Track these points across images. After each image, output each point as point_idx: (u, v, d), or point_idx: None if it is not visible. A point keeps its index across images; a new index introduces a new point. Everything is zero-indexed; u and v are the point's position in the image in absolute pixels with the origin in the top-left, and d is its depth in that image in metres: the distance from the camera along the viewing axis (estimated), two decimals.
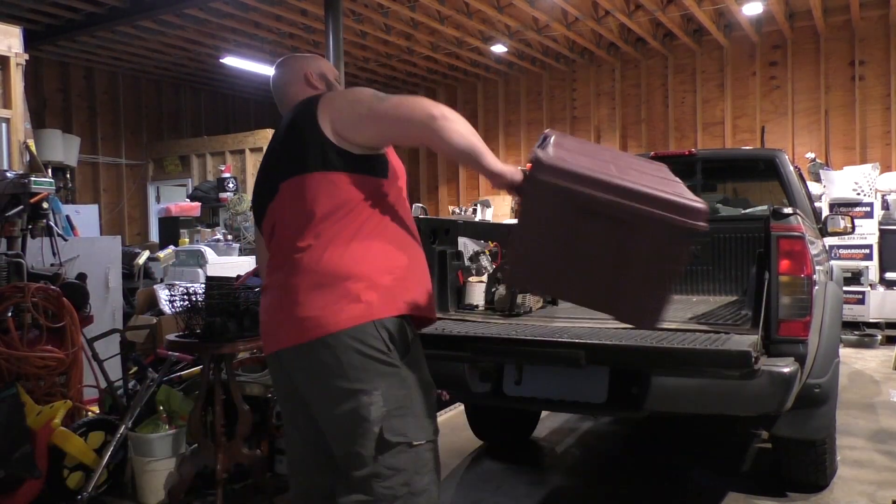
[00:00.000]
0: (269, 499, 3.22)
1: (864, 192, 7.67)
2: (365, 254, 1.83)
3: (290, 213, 1.90)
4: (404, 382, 1.81)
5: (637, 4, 9.42)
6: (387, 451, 1.77)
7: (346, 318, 1.76)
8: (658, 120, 11.65)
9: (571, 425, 4.54)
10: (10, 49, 5.15)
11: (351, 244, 1.82)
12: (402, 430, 1.79)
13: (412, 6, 9.32)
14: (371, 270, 1.82)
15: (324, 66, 2.16)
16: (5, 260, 3.60)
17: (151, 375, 3.54)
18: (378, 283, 1.81)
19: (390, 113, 1.79)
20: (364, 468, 1.77)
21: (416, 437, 1.80)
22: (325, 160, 1.84)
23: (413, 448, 1.80)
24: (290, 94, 2.13)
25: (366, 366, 1.77)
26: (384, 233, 1.88)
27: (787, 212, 2.73)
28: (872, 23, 9.93)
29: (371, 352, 1.77)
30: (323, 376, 1.80)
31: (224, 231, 9.96)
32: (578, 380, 2.68)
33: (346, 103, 1.88)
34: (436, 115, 1.73)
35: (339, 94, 1.95)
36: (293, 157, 1.90)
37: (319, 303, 1.78)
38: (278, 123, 2.10)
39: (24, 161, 5.10)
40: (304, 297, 1.79)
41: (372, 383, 1.77)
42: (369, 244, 1.84)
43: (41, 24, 9.66)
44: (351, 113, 1.85)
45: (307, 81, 2.11)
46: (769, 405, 2.54)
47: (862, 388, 5.38)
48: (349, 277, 1.79)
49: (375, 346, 1.78)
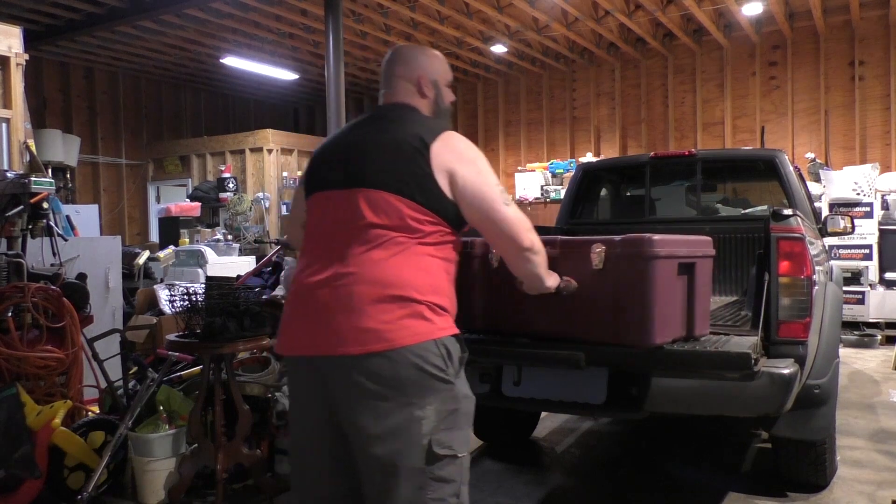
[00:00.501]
0: (269, 499, 3.22)
1: (863, 192, 7.68)
2: (432, 273, 1.88)
3: (361, 214, 1.89)
4: (455, 398, 1.86)
5: (637, 4, 9.42)
6: (435, 464, 1.81)
7: (411, 335, 1.79)
8: (658, 120, 11.65)
9: (571, 425, 4.54)
10: (10, 49, 5.15)
11: (420, 261, 1.86)
12: (449, 442, 1.83)
13: (412, 6, 9.32)
14: (436, 289, 1.87)
15: (439, 71, 2.16)
16: (5, 260, 3.60)
17: (151, 375, 3.54)
18: (441, 303, 1.87)
19: (504, 224, 1.94)
20: (413, 481, 1.80)
21: (460, 449, 1.86)
22: (422, 195, 1.88)
23: (458, 459, 1.86)
24: (398, 88, 2.11)
25: (423, 382, 1.80)
26: (446, 257, 1.94)
27: (787, 213, 2.73)
28: (872, 23, 9.93)
29: (430, 368, 1.80)
30: (376, 389, 1.79)
31: (224, 231, 9.97)
32: (578, 381, 2.68)
33: (475, 184, 1.92)
34: (532, 248, 1.99)
35: (469, 161, 1.95)
36: (390, 173, 1.90)
37: (385, 317, 1.78)
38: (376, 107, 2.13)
39: (24, 161, 5.11)
40: (370, 307, 1.78)
41: (426, 398, 1.80)
42: (435, 264, 1.90)
43: (41, 24, 9.66)
44: (474, 194, 1.91)
45: (418, 87, 2.11)
46: (769, 406, 2.54)
47: (862, 388, 5.38)
48: (417, 294, 1.82)
49: (435, 363, 1.81)
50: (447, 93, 2.16)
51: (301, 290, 1.92)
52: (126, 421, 3.27)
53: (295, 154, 12.04)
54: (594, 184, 5.08)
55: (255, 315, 3.14)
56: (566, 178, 10.63)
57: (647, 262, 2.32)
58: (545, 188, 10.95)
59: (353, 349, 1.78)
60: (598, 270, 2.40)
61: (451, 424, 1.84)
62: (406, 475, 1.79)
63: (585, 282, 2.38)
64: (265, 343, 3.23)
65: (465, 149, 1.98)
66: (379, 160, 1.92)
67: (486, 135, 13.03)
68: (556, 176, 11.12)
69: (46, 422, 3.09)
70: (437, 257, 1.91)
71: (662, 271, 2.34)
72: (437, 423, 1.81)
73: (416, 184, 1.88)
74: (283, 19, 9.78)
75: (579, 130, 12.27)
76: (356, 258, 1.84)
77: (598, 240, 2.45)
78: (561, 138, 12.39)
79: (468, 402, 1.92)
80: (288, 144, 11.97)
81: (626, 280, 2.35)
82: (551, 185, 10.97)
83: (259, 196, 11.25)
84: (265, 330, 3.19)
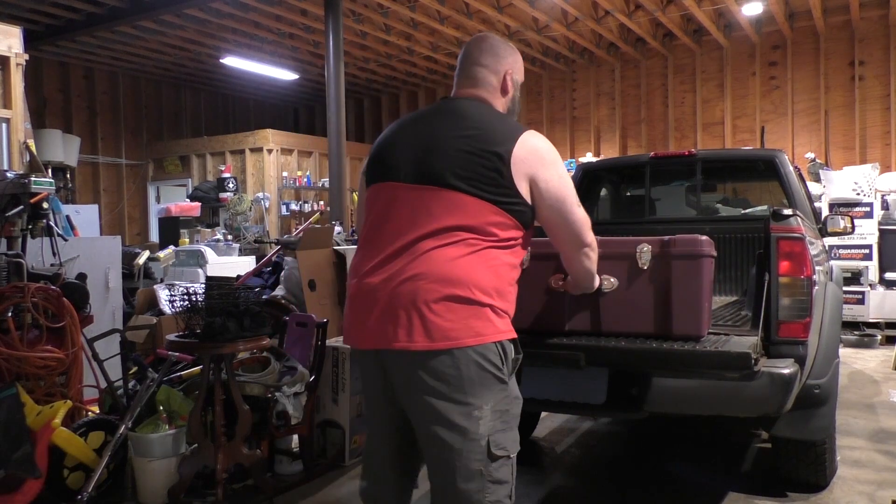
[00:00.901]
0: (269, 499, 3.22)
1: (863, 192, 7.67)
2: (499, 275, 1.89)
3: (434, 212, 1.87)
4: (508, 398, 1.89)
5: (637, 4, 9.42)
6: (492, 464, 1.82)
7: (475, 335, 1.81)
8: (658, 120, 11.65)
9: (571, 425, 4.54)
10: (10, 49, 5.15)
11: (489, 263, 1.86)
12: (504, 443, 1.85)
13: (412, 6, 9.32)
14: (501, 292, 1.89)
15: (520, 70, 2.15)
16: (5, 260, 3.60)
17: (151, 375, 3.54)
18: (504, 307, 1.90)
19: (576, 224, 2.03)
20: (471, 481, 1.81)
21: (513, 449, 1.88)
22: (498, 198, 1.87)
23: (511, 460, 1.88)
24: (480, 78, 2.06)
25: (483, 380, 1.82)
26: (513, 261, 1.95)
27: (787, 213, 2.73)
28: (872, 23, 9.93)
29: (490, 368, 1.83)
30: (437, 386, 1.81)
31: (224, 231, 9.97)
32: (578, 380, 2.69)
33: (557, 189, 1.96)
34: (592, 245, 2.12)
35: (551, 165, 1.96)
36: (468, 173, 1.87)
37: (453, 315, 1.79)
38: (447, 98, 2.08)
39: (24, 161, 5.11)
40: (437, 305, 1.79)
41: (484, 398, 1.82)
42: (504, 268, 1.91)
43: (41, 24, 9.66)
44: (556, 198, 1.96)
45: (503, 82, 2.08)
46: (769, 406, 2.54)
47: (862, 388, 5.38)
48: (483, 295, 1.83)
49: (495, 362, 1.84)
50: (518, 92, 2.16)
51: (366, 284, 1.90)
52: (126, 421, 3.27)
53: (295, 154, 12.04)
54: (594, 184, 5.08)
55: (255, 315, 3.14)
56: None
57: (699, 260, 2.50)
58: None
59: (419, 345, 1.79)
60: (643, 269, 2.55)
61: (505, 425, 1.86)
62: (464, 475, 1.81)
63: (629, 280, 2.58)
64: (265, 343, 3.23)
65: (546, 151, 1.98)
66: (456, 159, 1.88)
67: None
68: None
69: (46, 422, 3.09)
70: (506, 260, 1.92)
71: (708, 268, 2.53)
72: (493, 422, 1.83)
73: (494, 187, 1.87)
74: (283, 19, 9.79)
75: (579, 130, 12.28)
76: (425, 255, 1.83)
77: (644, 240, 2.57)
78: (561, 138, 12.39)
79: (518, 403, 1.94)
80: (288, 144, 11.97)
81: (679, 277, 2.51)
82: None
83: (259, 196, 11.25)
84: (265, 330, 3.20)
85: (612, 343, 2.56)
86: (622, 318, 2.61)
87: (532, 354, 2.64)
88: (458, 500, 1.82)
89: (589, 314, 2.66)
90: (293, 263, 4.94)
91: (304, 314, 4.07)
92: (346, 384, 3.73)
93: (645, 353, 2.49)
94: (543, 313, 2.72)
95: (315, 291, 4.62)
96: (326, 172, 11.14)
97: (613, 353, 2.53)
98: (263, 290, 3.90)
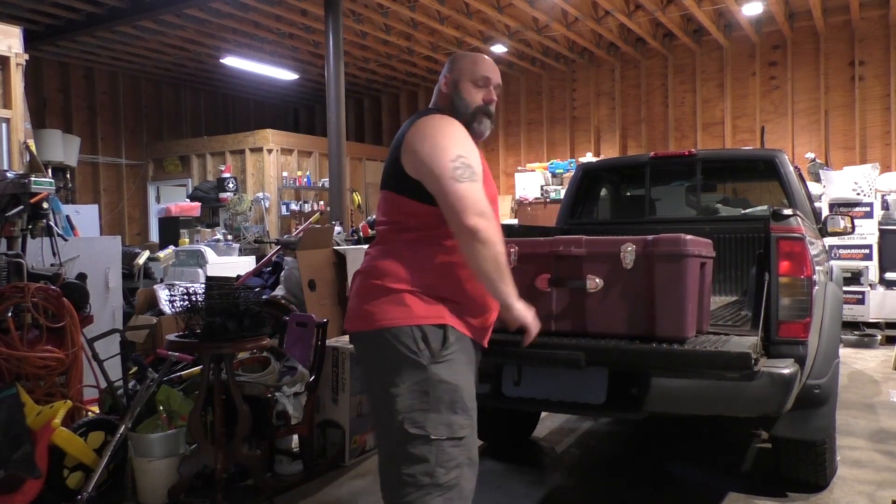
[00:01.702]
0: (269, 499, 3.22)
1: (863, 192, 7.67)
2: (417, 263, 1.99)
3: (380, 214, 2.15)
4: (430, 380, 1.93)
5: (637, 4, 9.42)
6: (407, 442, 1.91)
7: (389, 319, 1.95)
8: (658, 120, 11.65)
9: (571, 425, 4.54)
10: (10, 49, 5.15)
11: (403, 252, 2.01)
12: (423, 423, 1.91)
13: (412, 6, 9.32)
14: (423, 279, 1.98)
15: (463, 69, 2.16)
16: (5, 260, 3.60)
17: (151, 375, 3.54)
18: (430, 292, 1.98)
19: (450, 198, 1.90)
20: (389, 451, 1.97)
21: (435, 431, 1.91)
22: (398, 184, 2.03)
23: (433, 441, 1.91)
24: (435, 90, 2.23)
25: (397, 360, 1.94)
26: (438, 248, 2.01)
27: (787, 213, 2.73)
28: (872, 23, 9.93)
29: (403, 350, 1.94)
30: (369, 363, 2.05)
31: (224, 231, 9.97)
32: (578, 381, 2.68)
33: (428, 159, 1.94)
34: (475, 232, 1.87)
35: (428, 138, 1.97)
36: (386, 170, 2.12)
37: (373, 301, 1.99)
38: None
39: (24, 161, 5.11)
40: (364, 293, 2.03)
41: (400, 376, 1.94)
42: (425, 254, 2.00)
43: (41, 24, 9.66)
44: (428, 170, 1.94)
45: (441, 86, 2.19)
46: (769, 406, 2.54)
47: (862, 388, 5.38)
48: (396, 282, 1.97)
49: (408, 344, 1.94)
50: (470, 90, 2.14)
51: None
52: (126, 421, 3.27)
53: (295, 154, 12.04)
54: (594, 184, 5.08)
55: (255, 315, 3.14)
56: (566, 178, 10.64)
57: (682, 260, 2.47)
58: (545, 188, 10.95)
59: (358, 326, 2.04)
60: (627, 269, 2.54)
61: (425, 405, 1.92)
62: (385, 445, 2.00)
63: (614, 280, 2.56)
64: (265, 343, 3.23)
65: (429, 126, 2.00)
66: (388, 161, 2.11)
67: None
68: (556, 176, 11.12)
69: (46, 422, 3.09)
70: (426, 246, 2.01)
71: (693, 269, 2.50)
72: (411, 401, 1.92)
73: (395, 176, 2.03)
74: (283, 19, 9.79)
75: (579, 130, 12.28)
76: (371, 250, 2.12)
77: (629, 239, 2.55)
78: (561, 138, 12.39)
79: (446, 388, 1.94)
80: (288, 144, 11.97)
81: (662, 277, 2.49)
82: (551, 185, 10.98)
83: (259, 196, 11.25)
84: (265, 330, 3.20)
85: (613, 343, 2.56)
86: (607, 319, 2.61)
87: (532, 355, 2.65)
88: (383, 464, 2.01)
89: (575, 315, 2.66)
90: (293, 263, 4.94)
91: (304, 314, 4.07)
92: (347, 384, 3.73)
93: (645, 354, 2.49)
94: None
95: (315, 291, 4.62)
96: (326, 172, 11.15)
97: (614, 353, 2.53)
98: (263, 290, 3.90)
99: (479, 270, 1.93)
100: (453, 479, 1.91)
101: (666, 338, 2.50)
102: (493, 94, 2.18)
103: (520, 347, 2.16)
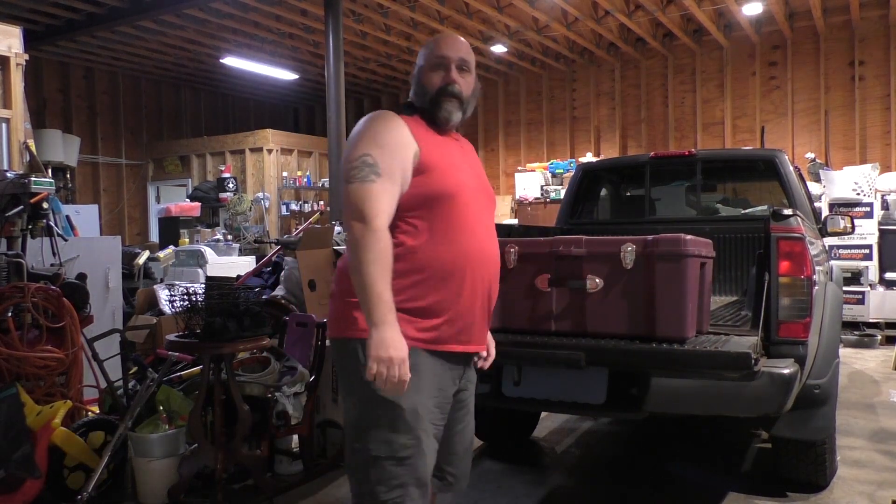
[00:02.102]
0: (269, 499, 3.22)
1: (863, 192, 7.67)
2: None
3: None
4: (372, 398, 1.82)
5: (637, 4, 9.42)
6: (351, 454, 1.91)
7: (339, 329, 1.94)
8: (658, 120, 11.65)
9: (571, 425, 4.54)
10: (10, 49, 5.15)
11: None
12: (365, 440, 1.87)
13: (412, 6, 9.32)
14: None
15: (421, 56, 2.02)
16: (5, 260, 3.60)
17: (151, 375, 3.54)
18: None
19: (342, 198, 1.86)
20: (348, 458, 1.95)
21: (376, 449, 1.85)
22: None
23: (374, 459, 1.85)
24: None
25: (347, 371, 1.93)
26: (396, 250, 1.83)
27: (787, 213, 2.73)
28: (872, 23, 9.93)
29: (350, 363, 1.89)
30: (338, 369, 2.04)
31: (224, 231, 9.97)
32: (578, 381, 2.68)
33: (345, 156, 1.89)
34: (349, 234, 1.79)
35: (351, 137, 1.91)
36: None
37: (334, 310, 1.97)
38: None
39: (24, 161, 5.11)
40: (333, 297, 1.99)
41: (350, 387, 1.94)
42: None
43: (41, 24, 9.66)
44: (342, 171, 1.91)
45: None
46: (769, 406, 2.54)
47: (862, 388, 5.38)
48: (346, 294, 1.89)
49: (358, 357, 1.84)
50: (427, 76, 1.97)
51: None
52: (126, 421, 3.27)
53: (295, 154, 12.05)
54: (594, 184, 5.08)
55: (255, 315, 3.13)
56: (566, 178, 10.64)
57: (682, 260, 2.47)
58: (545, 188, 10.96)
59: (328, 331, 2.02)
60: (627, 269, 2.55)
61: (368, 423, 1.86)
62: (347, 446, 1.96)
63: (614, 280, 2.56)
64: (265, 343, 3.23)
65: (357, 127, 1.93)
66: None
67: (485, 135, 13.03)
68: (556, 176, 11.12)
69: (46, 422, 3.09)
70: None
71: (693, 269, 2.50)
72: (357, 415, 1.89)
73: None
74: (283, 19, 9.79)
75: (579, 130, 12.28)
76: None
77: (629, 239, 2.55)
78: (561, 138, 12.39)
79: (386, 406, 1.82)
80: (288, 144, 11.97)
81: (662, 277, 2.49)
82: (551, 185, 10.98)
83: (259, 196, 11.26)
84: (265, 330, 3.20)
85: (613, 343, 2.56)
86: (607, 319, 2.61)
87: (532, 355, 2.65)
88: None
89: (575, 315, 2.66)
90: (293, 263, 4.94)
91: (304, 314, 4.07)
92: None
93: (645, 354, 2.49)
94: (529, 314, 2.73)
95: (315, 291, 4.62)
96: (326, 172, 11.15)
97: (614, 353, 2.53)
98: (263, 290, 3.90)
99: (352, 273, 1.78)
100: (396, 498, 1.83)
101: (666, 338, 2.50)
102: (454, 73, 1.95)
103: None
